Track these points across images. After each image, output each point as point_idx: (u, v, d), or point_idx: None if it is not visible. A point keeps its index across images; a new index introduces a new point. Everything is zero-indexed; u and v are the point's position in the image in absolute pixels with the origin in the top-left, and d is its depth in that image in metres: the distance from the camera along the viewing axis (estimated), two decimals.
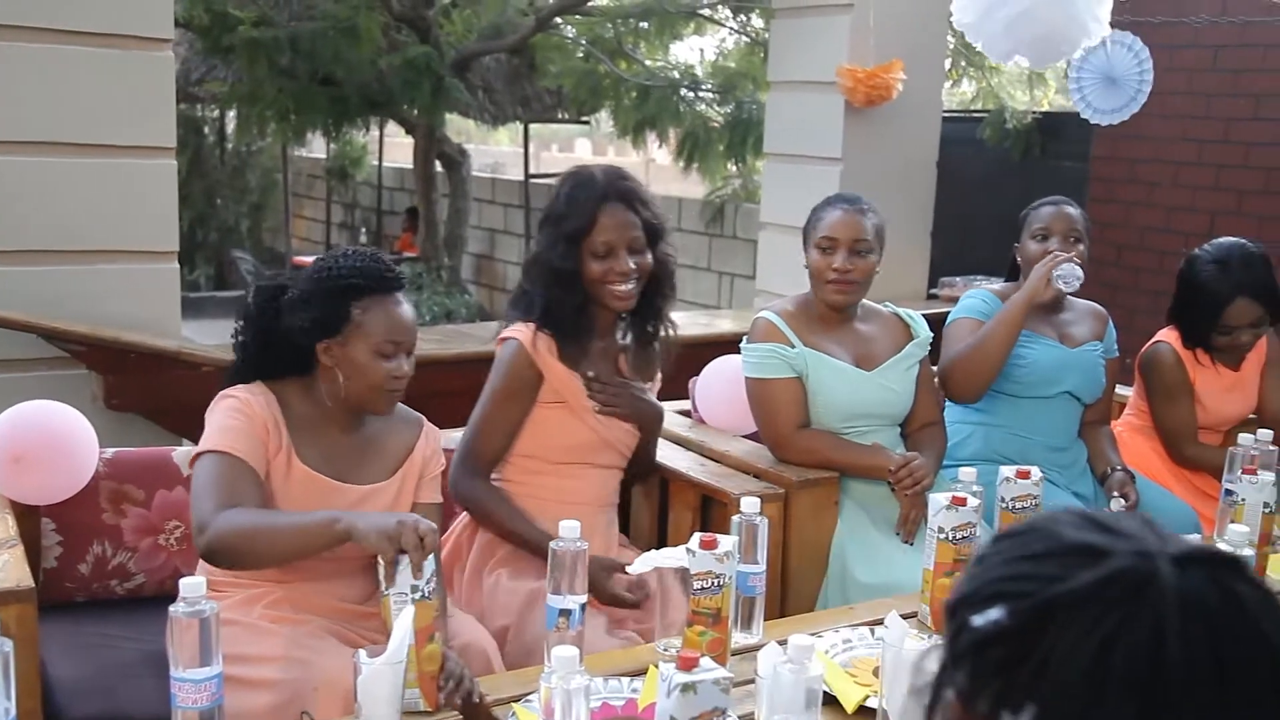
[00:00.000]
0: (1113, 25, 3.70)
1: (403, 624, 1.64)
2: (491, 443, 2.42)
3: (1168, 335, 3.16)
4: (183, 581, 1.63)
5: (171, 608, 1.61)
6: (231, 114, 10.83)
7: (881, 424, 2.75)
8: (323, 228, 14.03)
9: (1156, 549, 0.73)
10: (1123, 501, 2.78)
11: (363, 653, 1.61)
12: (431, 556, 1.78)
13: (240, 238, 12.64)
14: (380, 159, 13.07)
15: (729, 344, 3.05)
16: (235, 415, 2.05)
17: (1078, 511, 0.79)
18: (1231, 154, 5.41)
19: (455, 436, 2.57)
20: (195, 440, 2.09)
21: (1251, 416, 3.21)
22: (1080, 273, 2.81)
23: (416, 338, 2.13)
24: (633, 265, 2.39)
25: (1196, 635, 0.69)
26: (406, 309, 2.12)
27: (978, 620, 0.75)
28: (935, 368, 2.93)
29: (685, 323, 5.16)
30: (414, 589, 1.74)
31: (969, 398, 2.89)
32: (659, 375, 2.60)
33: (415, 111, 7.86)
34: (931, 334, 2.84)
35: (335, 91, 7.52)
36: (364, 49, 6.49)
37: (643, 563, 2.06)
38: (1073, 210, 2.96)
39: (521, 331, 2.41)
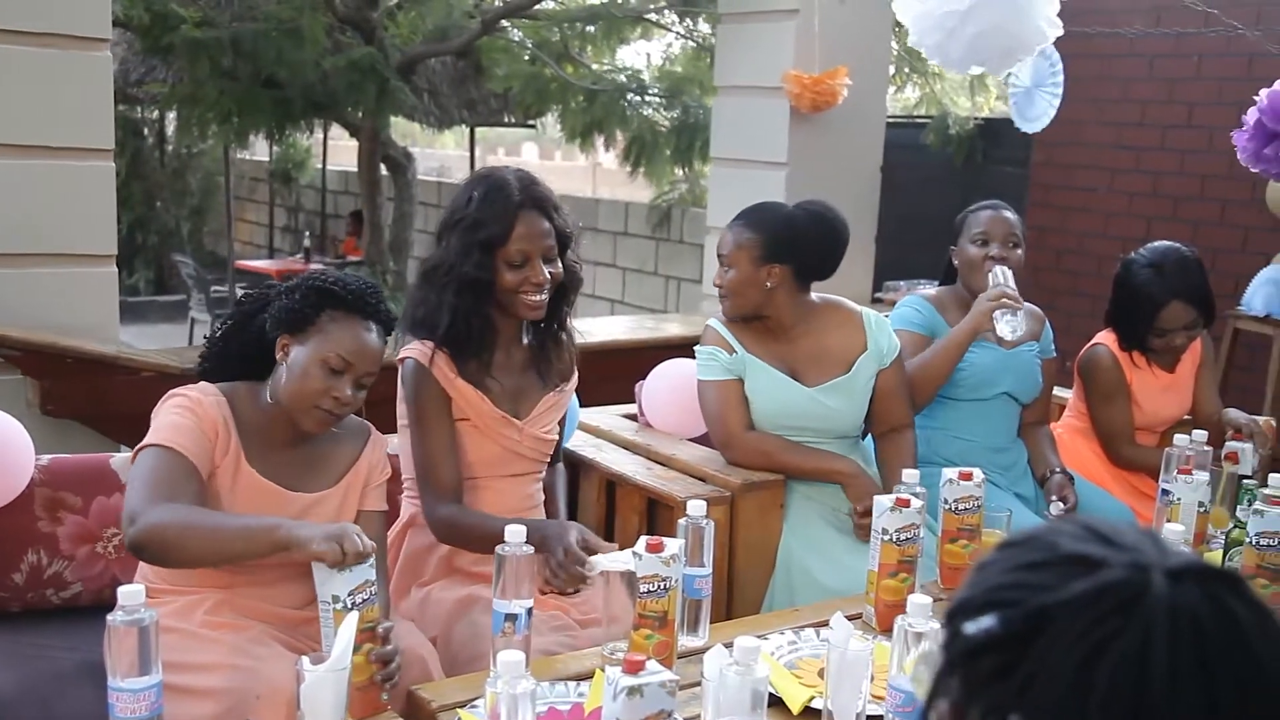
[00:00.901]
0: None
1: (346, 631, 1.62)
2: (446, 467, 2.32)
3: (1105, 338, 3.21)
4: (121, 590, 1.60)
5: (109, 616, 1.59)
6: (172, 115, 10.66)
7: (819, 437, 2.74)
8: (266, 231, 13.87)
9: (1153, 562, 0.72)
10: (1061, 505, 2.82)
11: (305, 659, 1.60)
12: (369, 569, 1.76)
13: (181, 241, 12.46)
14: (324, 162, 12.95)
15: (676, 348, 3.07)
16: (183, 413, 2.02)
17: (1081, 521, 0.78)
18: (1167, 161, 5.52)
19: (395, 442, 2.55)
20: (134, 447, 2.05)
21: (1186, 418, 3.27)
22: (1023, 323, 2.84)
23: (374, 371, 2.08)
24: (547, 275, 2.33)
25: (1185, 651, 0.68)
26: (375, 339, 2.07)
27: (970, 628, 0.75)
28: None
29: (633, 327, 5.20)
30: (335, 599, 1.72)
31: None
32: (574, 375, 2.54)
33: (360, 114, 7.80)
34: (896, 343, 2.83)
35: (278, 93, 7.44)
36: (308, 51, 6.41)
37: (590, 567, 2.08)
38: (1010, 215, 2.99)
39: (419, 350, 2.32)
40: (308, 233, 12.15)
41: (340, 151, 13.47)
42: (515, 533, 1.88)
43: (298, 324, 2.05)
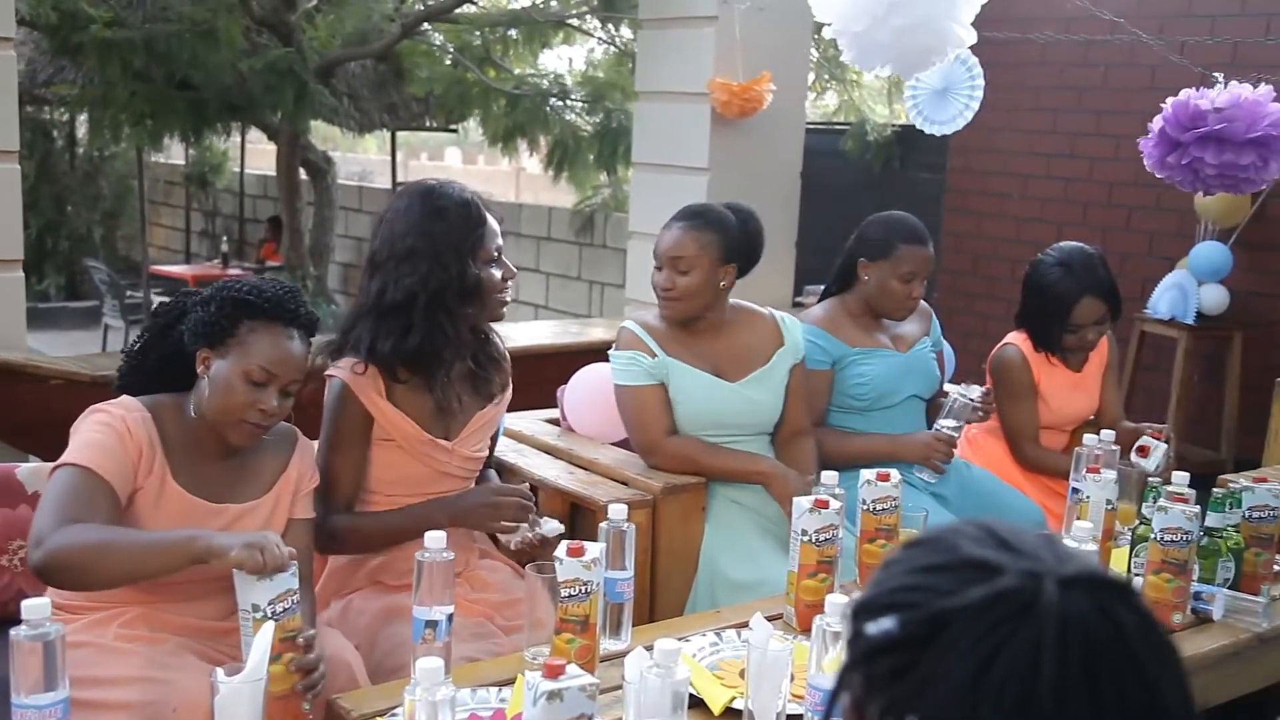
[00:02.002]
0: None
1: (262, 641, 1.60)
2: (343, 487, 2.33)
3: (1015, 338, 3.28)
4: (25, 604, 1.56)
5: (13, 631, 1.55)
6: (83, 118, 10.42)
7: (745, 434, 2.78)
8: (182, 236, 13.60)
9: (1047, 569, 0.74)
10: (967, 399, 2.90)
11: (220, 671, 1.57)
12: (290, 578, 1.74)
13: (93, 246, 12.16)
14: (242, 166, 12.74)
15: (600, 352, 3.07)
16: (105, 431, 1.96)
17: (983, 524, 0.80)
18: (1077, 168, 5.66)
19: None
20: (43, 456, 2.00)
21: (1091, 419, 3.36)
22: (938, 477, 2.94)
23: (298, 379, 2.04)
24: (512, 269, 2.41)
25: (1072, 658, 0.70)
26: (297, 346, 2.03)
27: (871, 628, 0.77)
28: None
29: (557, 332, 5.19)
30: (255, 608, 1.70)
31: None
32: (509, 386, 2.54)
33: (278, 117, 7.69)
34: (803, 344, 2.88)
35: (193, 96, 7.31)
36: (223, 53, 6.31)
37: (547, 522, 2.16)
38: (931, 250, 3.01)
39: (343, 368, 2.30)
40: (225, 237, 11.93)
41: (259, 155, 13.27)
42: (435, 538, 1.87)
43: (216, 336, 2.00)
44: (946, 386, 3.20)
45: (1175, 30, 5.02)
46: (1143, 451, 2.90)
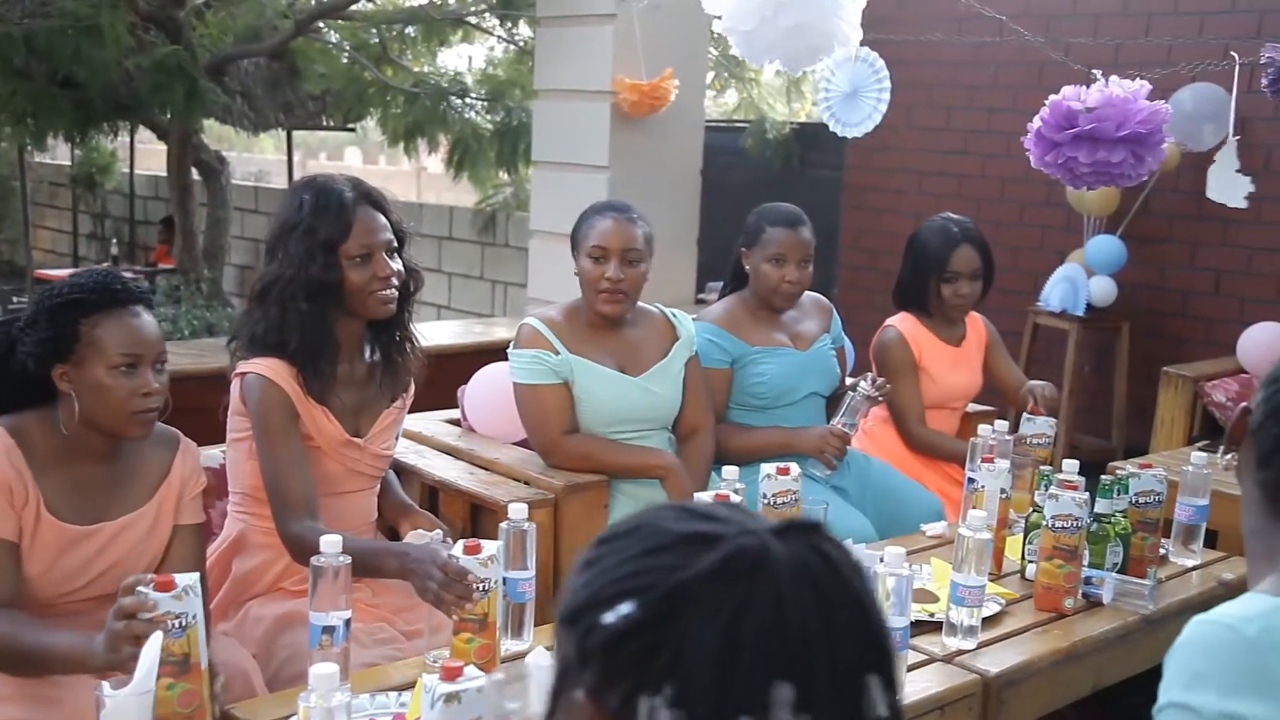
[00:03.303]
0: (863, 42, 3.89)
1: (150, 653, 1.55)
2: (299, 482, 2.22)
3: (893, 320, 3.38)
4: None
5: None
6: None
7: (650, 428, 2.79)
8: (69, 239, 13.16)
9: (758, 527, 0.80)
10: (864, 384, 2.95)
11: (106, 685, 1.52)
12: (171, 600, 1.63)
13: None
14: (131, 166, 12.37)
15: (501, 352, 3.04)
16: None
17: (673, 506, 0.84)
18: (970, 165, 5.78)
19: (214, 454, 2.46)
20: None
21: (990, 408, 3.43)
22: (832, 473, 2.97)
23: (163, 350, 1.99)
24: (393, 268, 2.32)
25: (807, 597, 0.77)
26: (146, 320, 1.98)
27: (609, 618, 0.78)
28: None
29: (460, 332, 5.14)
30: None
31: None
32: (412, 388, 2.51)
33: (168, 116, 7.47)
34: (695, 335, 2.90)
35: (78, 94, 7.06)
36: (108, 50, 6.10)
37: (417, 537, 2.11)
38: (806, 233, 3.03)
39: (264, 365, 2.24)
40: (114, 240, 11.59)
41: (149, 155, 12.91)
42: (330, 543, 1.84)
43: (63, 350, 1.92)
44: (847, 380, 3.25)
45: (1061, 30, 5.15)
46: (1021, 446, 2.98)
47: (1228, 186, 3.48)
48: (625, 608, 0.78)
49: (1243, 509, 1.36)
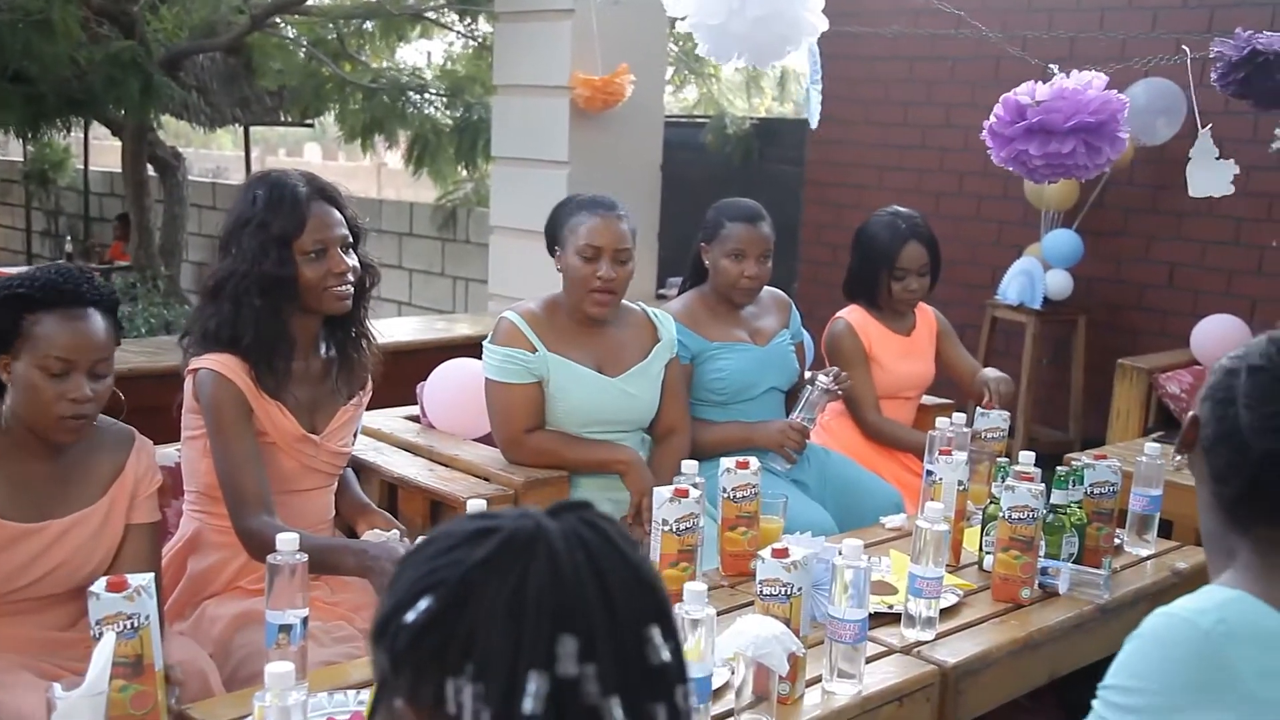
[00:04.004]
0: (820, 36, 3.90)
1: (102, 654, 1.53)
2: (253, 478, 2.19)
3: (843, 313, 3.41)
4: None
5: None
6: None
7: (623, 429, 2.78)
8: (22, 236, 12.98)
9: (534, 512, 0.89)
10: (825, 377, 2.97)
11: (57, 686, 1.50)
12: (122, 600, 1.60)
13: None
14: (86, 162, 12.21)
15: (465, 348, 3.03)
16: None
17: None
18: (928, 159, 5.82)
19: (170, 453, 2.43)
20: None
21: (947, 401, 3.45)
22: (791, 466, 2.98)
23: (105, 358, 1.95)
24: (348, 263, 2.29)
25: (580, 560, 0.85)
26: (91, 325, 1.94)
27: (409, 616, 0.85)
28: None
29: (421, 328, 5.11)
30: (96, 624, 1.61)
31: None
32: (370, 385, 2.49)
33: (122, 112, 7.38)
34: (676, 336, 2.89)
35: (29, 89, 6.96)
36: (60, 44, 6.02)
37: (374, 536, 2.12)
38: (765, 228, 3.03)
39: (217, 360, 2.21)
40: (69, 237, 11.44)
41: (104, 151, 12.76)
42: (286, 541, 1.82)
43: (6, 341, 1.90)
44: (806, 374, 3.26)
45: (1016, 25, 5.20)
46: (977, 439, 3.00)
47: (1210, 177, 3.51)
48: (423, 603, 0.85)
49: (1200, 512, 1.41)
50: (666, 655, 0.87)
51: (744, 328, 3.10)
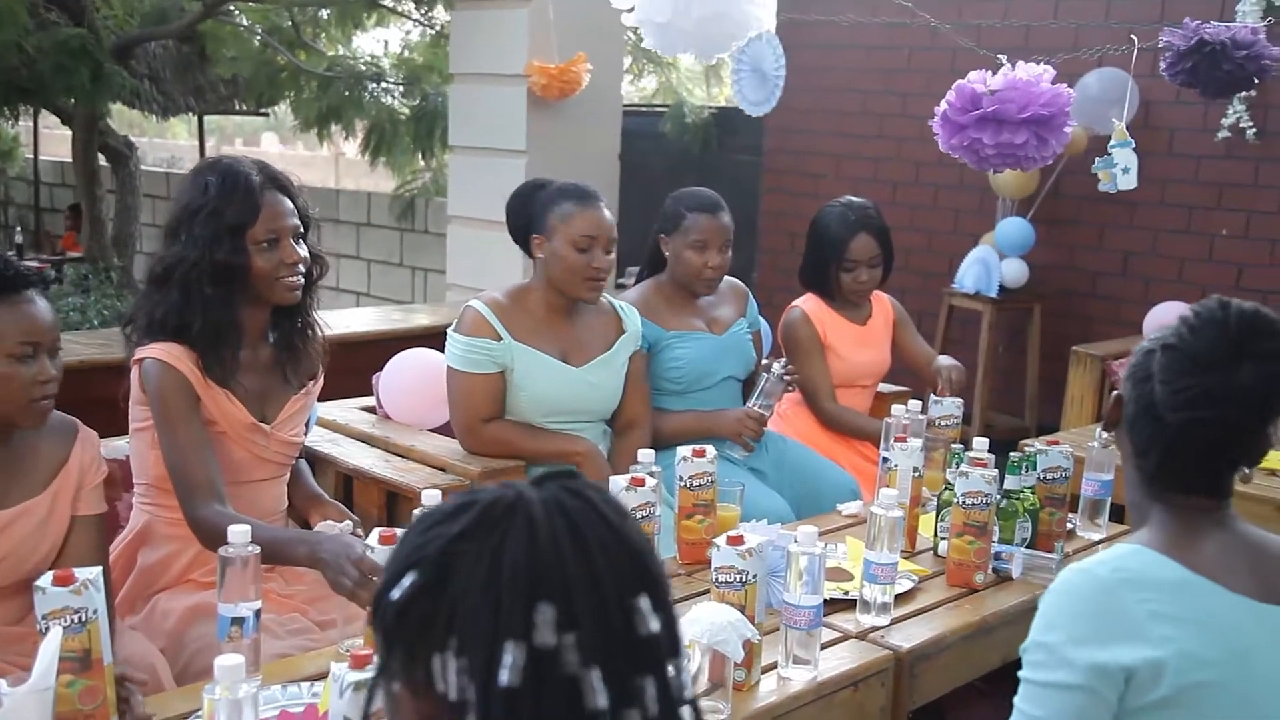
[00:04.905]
0: (778, 25, 3.92)
1: (48, 650, 1.50)
2: (202, 466, 2.15)
3: (798, 301, 3.42)
4: None
5: None
6: None
7: (585, 419, 2.77)
8: None
9: (517, 484, 0.88)
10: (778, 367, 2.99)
11: (3, 682, 1.48)
12: (68, 594, 1.57)
13: None
14: (35, 152, 12.02)
15: (424, 339, 3.01)
16: None
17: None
18: (885, 148, 5.85)
19: (118, 445, 2.40)
20: None
21: (904, 388, 3.47)
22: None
23: (58, 337, 1.94)
24: (301, 253, 2.27)
25: (559, 525, 0.84)
26: (38, 307, 1.92)
27: (395, 593, 0.85)
28: None
29: (379, 319, 5.08)
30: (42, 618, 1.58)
31: None
32: (321, 375, 2.46)
33: (73, 100, 7.26)
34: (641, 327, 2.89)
35: None
36: (6, 31, 5.91)
37: (327, 528, 2.07)
38: (726, 219, 3.04)
39: (162, 350, 2.17)
40: (19, 228, 11.26)
41: (54, 141, 12.57)
42: (238, 533, 1.80)
43: None
44: (762, 362, 3.27)
45: (971, 14, 5.23)
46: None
47: (1125, 171, 3.57)
48: (407, 579, 0.85)
49: (1125, 487, 1.55)
50: (655, 626, 0.84)
51: (701, 317, 3.10)
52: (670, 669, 0.85)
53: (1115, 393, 1.49)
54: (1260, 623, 1.38)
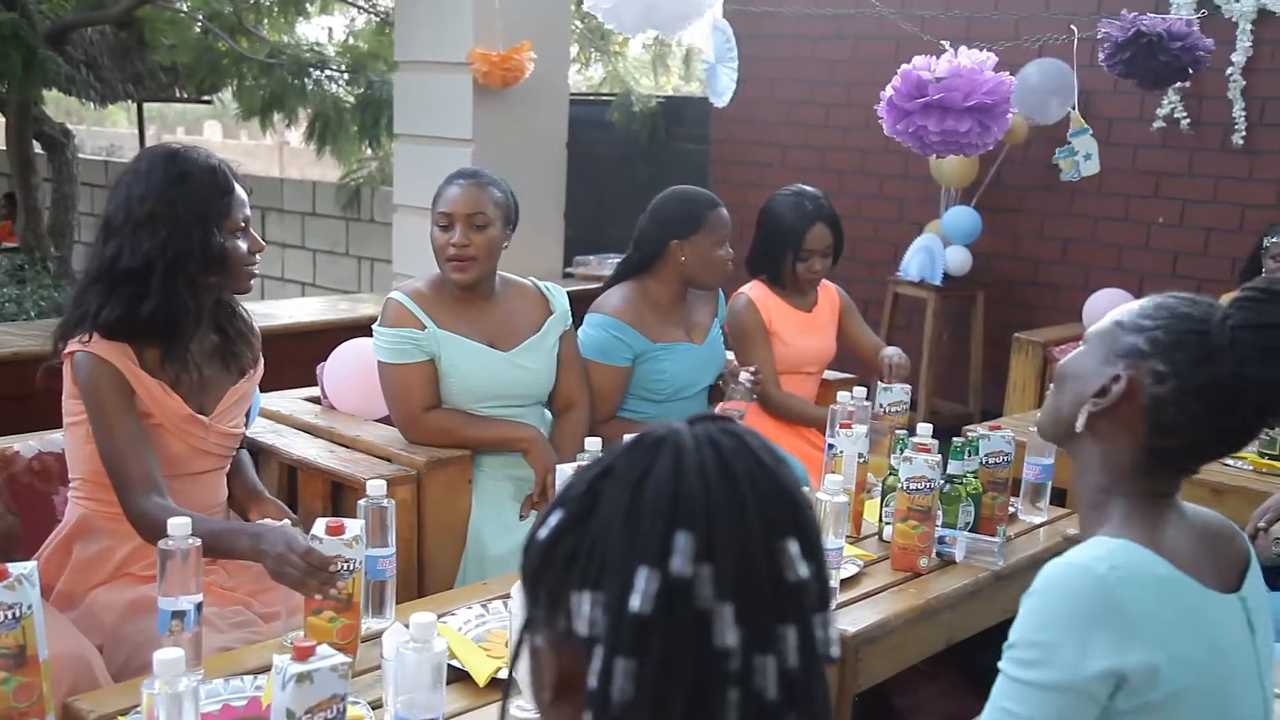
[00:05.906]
0: (725, 15, 3.92)
1: None
2: (139, 457, 2.12)
3: (744, 288, 3.43)
4: None
5: None
6: None
7: (520, 403, 2.76)
8: None
9: (672, 422, 0.87)
10: (746, 373, 3.01)
11: None
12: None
13: None
14: None
15: (367, 328, 2.97)
16: None
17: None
18: (831, 137, 5.88)
19: (56, 439, 2.36)
20: None
21: (849, 375, 3.50)
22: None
23: None
24: (260, 242, 2.28)
25: (710, 459, 0.82)
26: None
27: (541, 532, 0.84)
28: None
29: (325, 309, 5.02)
30: None
31: None
32: (260, 364, 2.43)
33: (4, 88, 7.12)
34: (570, 310, 2.88)
35: None
36: None
37: (266, 524, 2.04)
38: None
39: (89, 343, 2.13)
40: None
41: None
42: (178, 525, 1.78)
43: None
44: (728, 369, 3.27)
45: (915, 5, 5.27)
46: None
47: (1087, 158, 3.63)
48: (553, 518, 0.84)
49: (1083, 474, 1.46)
50: (804, 573, 0.82)
51: (683, 325, 3.11)
52: (816, 622, 0.83)
53: (1117, 378, 1.39)
54: (1228, 615, 1.37)
